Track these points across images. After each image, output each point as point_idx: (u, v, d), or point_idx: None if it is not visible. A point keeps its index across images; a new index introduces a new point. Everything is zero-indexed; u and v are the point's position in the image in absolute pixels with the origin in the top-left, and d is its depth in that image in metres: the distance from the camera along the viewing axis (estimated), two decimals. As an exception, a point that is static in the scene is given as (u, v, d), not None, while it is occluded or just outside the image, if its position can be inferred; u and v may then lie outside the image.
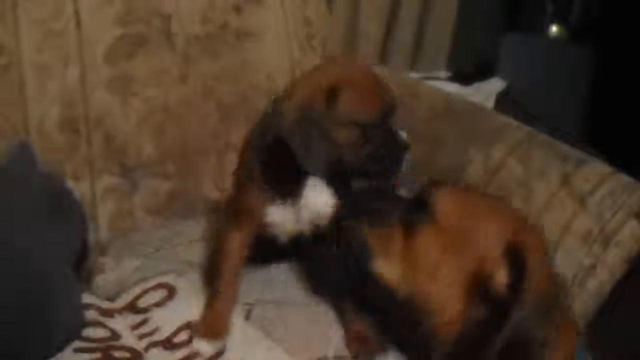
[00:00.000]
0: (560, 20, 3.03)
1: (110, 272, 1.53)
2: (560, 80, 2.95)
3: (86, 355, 1.25)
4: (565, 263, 1.67)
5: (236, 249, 1.35)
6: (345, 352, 1.30)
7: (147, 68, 1.77)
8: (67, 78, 1.67)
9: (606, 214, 1.65)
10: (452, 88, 2.37)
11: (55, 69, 1.66)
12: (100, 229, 1.72)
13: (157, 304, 1.41)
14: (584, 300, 1.69)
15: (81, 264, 1.51)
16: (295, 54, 2.00)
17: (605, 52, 2.89)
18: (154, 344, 1.31)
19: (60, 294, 1.27)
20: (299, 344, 1.29)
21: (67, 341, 1.27)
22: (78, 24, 1.68)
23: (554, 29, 3.05)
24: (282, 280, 1.46)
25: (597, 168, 1.73)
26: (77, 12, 1.68)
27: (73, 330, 1.29)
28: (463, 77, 2.64)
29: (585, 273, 1.67)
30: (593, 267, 1.67)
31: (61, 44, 1.66)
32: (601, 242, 1.65)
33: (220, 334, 1.31)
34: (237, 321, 1.35)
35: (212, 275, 1.38)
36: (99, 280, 1.52)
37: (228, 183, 1.72)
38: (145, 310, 1.40)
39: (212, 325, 1.32)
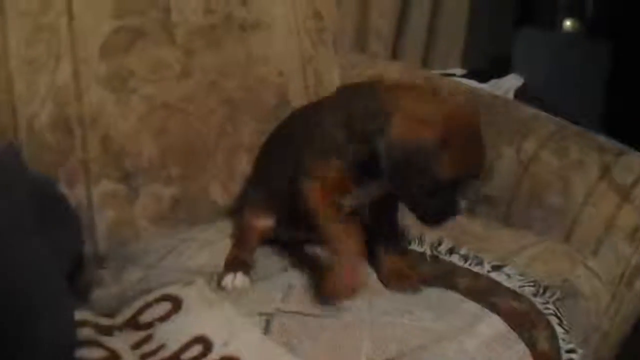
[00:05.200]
0: (575, 14, 2.88)
1: (110, 286, 1.35)
2: (576, 75, 2.80)
3: (79, 380, 1.05)
4: (611, 261, 1.50)
5: (327, 194, 1.23)
6: (379, 358, 1.10)
7: (145, 63, 1.59)
8: (59, 74, 1.49)
9: (653, 206, 1.48)
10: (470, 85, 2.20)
11: (46, 65, 1.48)
12: (98, 239, 1.52)
13: (161, 319, 1.20)
14: (631, 301, 1.52)
15: (77, 277, 1.34)
16: (306, 47, 1.82)
17: (621, 46, 2.74)
18: (159, 364, 1.11)
19: (46, 310, 1.07)
20: (327, 358, 1.09)
21: (59, 363, 1.07)
22: (70, 16, 1.51)
23: (568, 23, 2.90)
24: (304, 286, 1.25)
25: (638, 158, 1.56)
26: (69, 3, 1.50)
27: (63, 350, 1.09)
28: (479, 73, 2.48)
29: (633, 272, 1.50)
30: (641, 266, 1.50)
31: (52, 38, 1.49)
32: (649, 238, 1.48)
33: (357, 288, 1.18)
34: (253, 335, 1.13)
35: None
36: (97, 294, 1.34)
37: (238, 186, 1.60)
38: (148, 325, 1.20)
39: (346, 281, 1.17)
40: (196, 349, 1.12)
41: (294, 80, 1.78)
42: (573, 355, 1.28)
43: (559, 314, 1.30)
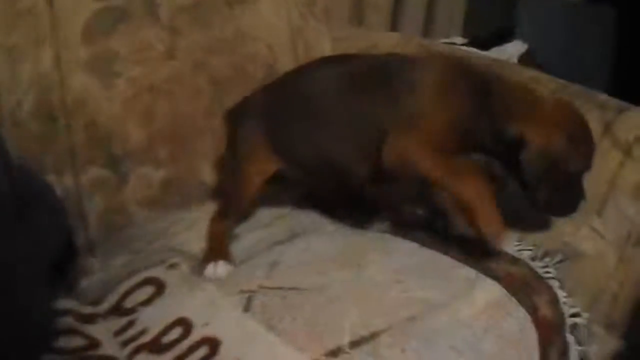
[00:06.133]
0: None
1: (97, 273, 1.30)
2: (580, 42, 2.72)
3: (54, 370, 0.99)
4: (616, 221, 1.40)
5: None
6: (363, 333, 1.02)
7: (129, 44, 1.51)
8: (41, 60, 1.43)
9: (656, 163, 1.39)
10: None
11: (27, 51, 1.42)
12: (90, 227, 1.45)
13: (144, 303, 1.15)
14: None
15: (68, 267, 1.29)
16: (295, 21, 1.74)
17: (625, 12, 2.67)
18: (139, 349, 1.05)
19: (22, 301, 1.02)
20: (308, 336, 1.01)
21: (33, 354, 1.01)
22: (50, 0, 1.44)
23: (571, -11, 2.81)
24: (290, 263, 1.18)
25: (640, 115, 1.47)
26: (48, -13, 1.44)
27: (40, 341, 1.04)
28: (480, 42, 2.38)
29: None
30: (649, 224, 1.40)
31: (32, 23, 1.42)
32: (655, 196, 1.39)
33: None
34: (233, 314, 1.07)
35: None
36: (85, 282, 1.29)
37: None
38: (131, 311, 1.15)
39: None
40: (176, 332, 1.07)
41: (283, 54, 1.71)
42: (578, 319, 1.23)
43: (559, 278, 1.23)
